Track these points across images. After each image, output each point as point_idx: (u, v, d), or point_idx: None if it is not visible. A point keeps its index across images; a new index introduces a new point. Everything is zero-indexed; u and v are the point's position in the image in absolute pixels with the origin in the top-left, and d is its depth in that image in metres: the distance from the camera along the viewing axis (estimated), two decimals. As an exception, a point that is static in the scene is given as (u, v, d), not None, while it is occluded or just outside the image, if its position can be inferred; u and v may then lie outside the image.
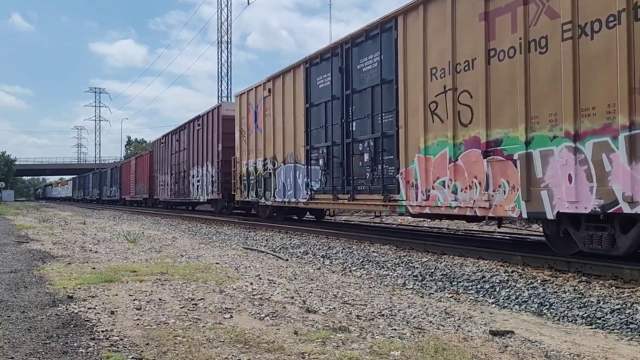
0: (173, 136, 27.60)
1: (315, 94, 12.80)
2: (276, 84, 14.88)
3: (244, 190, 17.28)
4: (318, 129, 12.68)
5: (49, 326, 4.00)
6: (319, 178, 12.56)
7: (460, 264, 7.38)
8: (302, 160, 13.34)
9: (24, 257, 8.28)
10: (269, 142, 15.20)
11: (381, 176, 10.25)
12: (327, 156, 12.19)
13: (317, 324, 4.17)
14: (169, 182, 28.11)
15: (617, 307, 4.87)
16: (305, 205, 13.48)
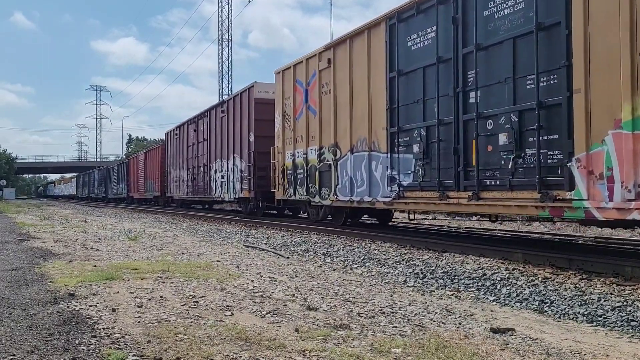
0: (190, 126, 24.44)
1: (406, 59, 9.66)
2: (339, 53, 11.78)
3: (288, 187, 14.11)
4: (409, 105, 9.55)
5: (50, 323, 4.01)
6: (412, 170, 9.41)
7: (461, 261, 7.39)
8: (381, 146, 10.24)
9: (25, 254, 8.29)
10: (328, 126, 12.23)
11: (536, 165, 7.06)
12: (426, 140, 9.04)
13: (318, 322, 4.17)
14: (185, 179, 25.07)
15: (618, 304, 4.87)
16: (387, 206, 10.39)
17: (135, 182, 38.42)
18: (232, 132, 18.85)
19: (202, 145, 22.41)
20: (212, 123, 21.09)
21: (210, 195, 21.46)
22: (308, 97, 13.07)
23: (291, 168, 13.91)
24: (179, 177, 26.33)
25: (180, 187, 26.08)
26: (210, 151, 21.35)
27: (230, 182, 18.96)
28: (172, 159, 27.77)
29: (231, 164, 18.92)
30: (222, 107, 20.03)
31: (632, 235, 11.81)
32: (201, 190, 22.59)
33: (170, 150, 28.33)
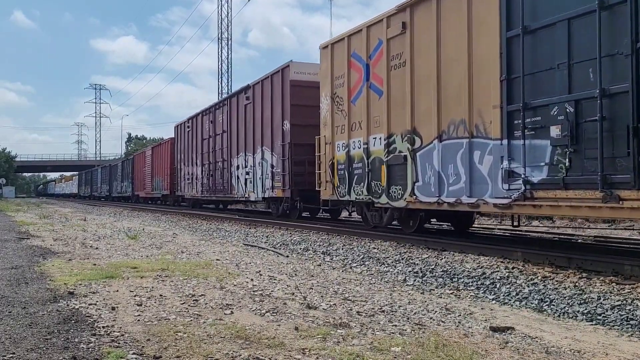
0: (205, 117, 21.89)
1: (533, 11, 7.18)
2: (419, 13, 9.31)
3: (339, 185, 11.61)
4: (542, 74, 7.06)
5: (50, 322, 4.01)
6: (547, 160, 6.97)
7: (461, 260, 7.39)
8: (490, 131, 7.83)
9: (24, 253, 8.29)
10: (400, 109, 9.66)
11: None
12: (574, 119, 6.61)
13: (317, 320, 4.18)
14: (199, 176, 22.63)
15: (618, 303, 4.87)
16: (503, 210, 7.85)
17: (141, 180, 35.83)
18: (259, 122, 16.29)
19: (221, 138, 19.88)
20: (234, 112, 18.50)
21: (231, 194, 18.93)
22: (370, 74, 10.53)
23: (344, 162, 11.38)
24: (192, 174, 23.87)
25: (194, 185, 23.57)
26: (230, 144, 18.82)
27: (258, 180, 16.45)
28: (184, 154, 25.27)
29: (258, 158, 16.40)
30: (246, 94, 17.29)
31: (632, 234, 11.82)
32: (220, 189, 20.01)
33: (181, 144, 25.88)
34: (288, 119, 14.52)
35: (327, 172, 12.15)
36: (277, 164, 15.11)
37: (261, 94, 16.20)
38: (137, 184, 37.57)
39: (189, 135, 24.34)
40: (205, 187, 21.89)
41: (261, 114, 16.19)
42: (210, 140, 21.21)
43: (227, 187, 19.21)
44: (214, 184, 20.67)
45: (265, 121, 15.96)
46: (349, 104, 11.31)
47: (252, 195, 17.15)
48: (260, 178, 16.39)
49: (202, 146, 22.27)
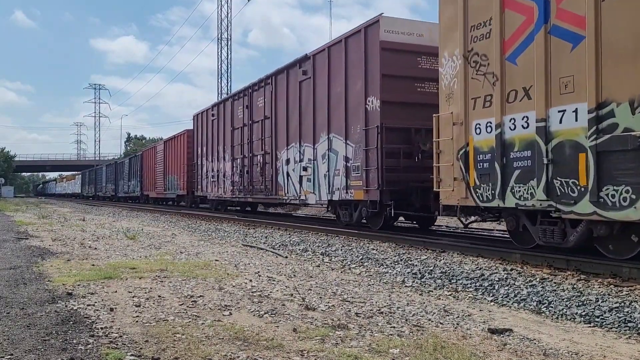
0: (237, 102, 18.18)
1: None
2: None
3: (481, 183, 7.98)
4: None
5: (48, 323, 4.01)
6: None
7: (459, 261, 7.39)
8: None
9: (23, 253, 8.28)
10: (631, 60, 6.05)
11: None
12: None
13: (316, 322, 4.18)
14: (228, 173, 18.84)
15: (616, 305, 4.87)
16: None
17: (151, 179, 32.12)
18: (324, 101, 12.33)
19: (261, 127, 15.94)
20: (281, 92, 14.62)
21: (276, 195, 15.02)
22: (550, 12, 7.01)
23: (490, 150, 7.83)
24: (218, 171, 19.97)
25: (220, 183, 19.81)
26: (276, 133, 14.96)
27: (321, 177, 12.52)
28: (206, 147, 21.51)
29: (323, 149, 12.45)
30: (302, 67, 13.47)
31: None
32: (259, 189, 16.15)
33: (202, 136, 22.08)
34: (376, 94, 10.53)
35: (456, 165, 8.45)
36: (355, 155, 11.17)
37: (327, 66, 12.18)
38: (146, 183, 33.89)
39: (214, 125, 20.42)
40: (237, 186, 18.00)
41: (327, 91, 12.17)
42: (245, 130, 17.22)
43: (271, 187, 15.22)
44: (251, 183, 16.75)
45: (334, 100, 11.99)
46: (502, 63, 7.70)
47: (311, 197, 13.07)
48: (325, 175, 12.31)
49: (233, 137, 18.28)
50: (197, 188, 22.96)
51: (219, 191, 20.14)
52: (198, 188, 22.81)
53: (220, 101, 20.40)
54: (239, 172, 17.82)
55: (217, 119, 20.14)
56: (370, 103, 10.81)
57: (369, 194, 10.78)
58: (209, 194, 21.42)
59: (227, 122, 19.01)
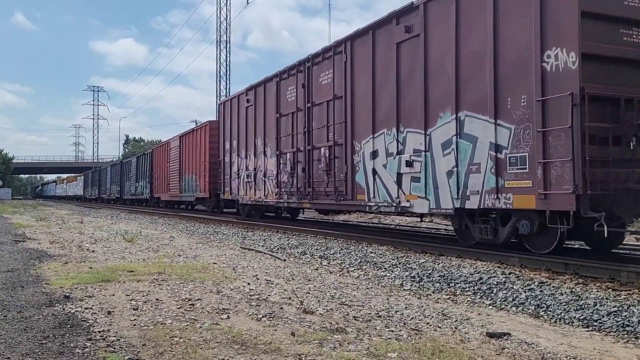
0: (283, 83, 14.20)
1: None
2: None
3: None
4: None
5: (46, 326, 4.00)
6: None
7: (458, 265, 7.39)
8: None
9: (20, 256, 8.26)
10: None
11: None
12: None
13: (314, 325, 4.17)
14: (272, 171, 14.87)
15: (614, 309, 4.87)
16: None
17: (164, 179, 28.29)
18: (446, 66, 8.68)
19: (325, 110, 12.20)
20: (363, 61, 10.89)
21: (352, 199, 11.15)
22: None
23: None
24: (254, 170, 16.07)
25: (258, 185, 15.83)
26: (354, 117, 11.13)
27: (442, 176, 8.74)
28: (236, 141, 17.58)
29: (444, 134, 8.73)
30: (403, 22, 9.68)
31: (628, 240, 11.84)
32: (323, 192, 12.16)
33: (230, 128, 18.16)
34: (569, 44, 6.75)
35: None
36: (516, 142, 7.44)
37: (454, 13, 8.47)
38: (157, 184, 29.99)
39: (249, 113, 16.50)
40: (285, 187, 14.05)
41: (454, 50, 8.45)
42: (299, 116, 13.33)
43: (344, 188, 11.35)
44: (309, 184, 12.80)
45: (467, 62, 8.30)
46: None
47: (419, 204, 9.26)
48: (450, 172, 8.55)
49: (279, 126, 14.39)
50: (223, 190, 19.02)
51: (256, 194, 16.02)
52: (225, 190, 18.81)
53: (259, 82, 15.85)
54: (289, 171, 13.75)
55: (255, 105, 16.09)
56: (553, 59, 6.96)
57: (552, 200, 6.86)
58: (242, 198, 17.18)
59: (270, 108, 15.03)
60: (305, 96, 13.06)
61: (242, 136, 17.21)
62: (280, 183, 14.37)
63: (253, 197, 16.30)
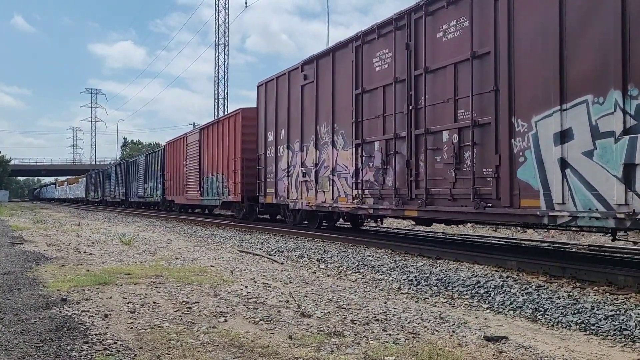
0: (368, 48, 10.68)
1: None
2: None
3: None
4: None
5: (42, 329, 3.98)
6: None
7: (455, 268, 7.39)
8: None
9: (17, 258, 8.24)
10: None
11: None
12: None
13: (311, 329, 4.17)
14: (345, 168, 11.39)
15: (611, 313, 4.88)
16: None
17: (179, 180, 24.47)
18: None
19: (445, 78, 8.70)
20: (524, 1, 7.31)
21: (510, 205, 7.37)
22: None
23: None
24: (317, 165, 12.43)
25: (323, 184, 12.22)
26: (511, 83, 7.44)
27: None
28: (285, 130, 13.91)
29: None
30: None
31: (625, 243, 11.86)
32: (451, 194, 8.41)
33: (277, 113, 14.45)
34: None
35: None
36: None
37: None
38: (171, 185, 25.95)
39: (308, 93, 12.88)
40: (372, 187, 10.43)
41: None
42: (397, 90, 9.73)
43: (496, 189, 7.65)
44: (417, 182, 9.21)
45: None
46: None
47: None
48: None
49: (361, 106, 10.72)
50: (263, 192, 15.29)
51: (318, 197, 12.37)
52: (267, 193, 15.05)
53: (322, 52, 12.30)
54: (378, 166, 10.17)
55: (316, 82, 12.47)
56: None
57: None
58: (294, 202, 13.49)
59: (343, 83, 11.36)
60: (411, 61, 9.33)
61: (295, 123, 13.44)
62: (361, 183, 10.67)
63: (313, 201, 12.53)
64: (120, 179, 39.34)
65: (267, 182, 15.15)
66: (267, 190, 15.09)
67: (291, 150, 13.75)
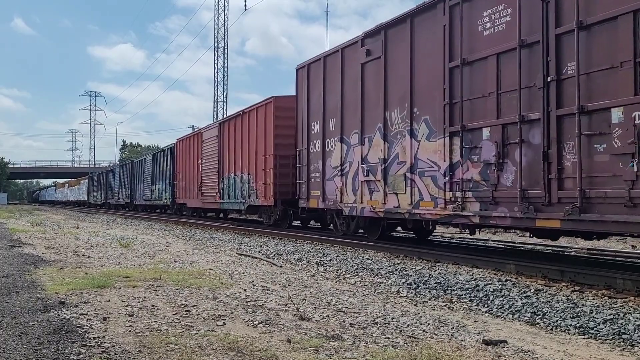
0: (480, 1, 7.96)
1: None
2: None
3: None
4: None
5: (40, 332, 3.98)
6: None
7: (454, 272, 7.39)
8: None
9: (16, 261, 8.22)
10: None
11: None
12: None
13: (310, 332, 4.16)
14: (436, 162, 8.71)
15: (610, 317, 4.88)
16: None
17: (192, 180, 22.07)
18: None
19: (618, 34, 6.10)
20: None
21: None
22: None
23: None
24: (386, 160, 10.02)
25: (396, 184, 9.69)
26: None
27: None
28: (339, 118, 11.48)
29: None
30: None
31: (624, 247, 11.87)
32: (630, 199, 5.83)
33: (324, 99, 12.06)
34: None
35: None
36: None
37: None
38: (182, 186, 23.69)
39: (371, 72, 10.56)
40: (478, 189, 7.96)
41: None
42: (522, 57, 7.23)
43: None
44: (561, 182, 6.76)
45: None
46: None
47: None
48: None
49: (459, 83, 8.28)
50: (305, 195, 12.74)
51: (387, 201, 9.89)
52: (310, 195, 12.54)
53: (395, 19, 9.76)
54: (488, 159, 7.72)
55: (384, 58, 10.05)
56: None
57: None
58: (350, 206, 10.98)
59: (429, 56, 8.98)
60: (548, 15, 6.90)
61: (352, 110, 11.01)
62: (460, 183, 8.21)
63: (380, 205, 10.00)
64: (125, 180, 36.61)
65: (310, 182, 12.49)
66: (311, 193, 12.49)
67: (346, 143, 11.23)
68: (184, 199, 23.55)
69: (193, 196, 21.99)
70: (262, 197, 15.21)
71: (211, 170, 19.82)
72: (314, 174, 12.44)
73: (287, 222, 14.98)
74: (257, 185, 15.66)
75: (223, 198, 18.39)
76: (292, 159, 13.86)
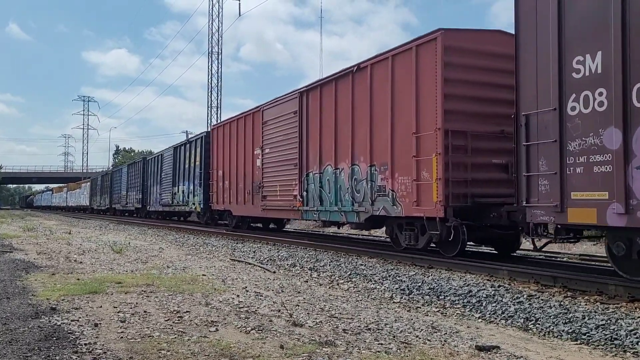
0: None
1: None
2: None
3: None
4: None
5: (31, 338, 3.94)
6: None
7: (447, 277, 7.40)
8: None
9: (7, 267, 8.16)
10: None
11: None
12: None
13: (303, 338, 4.15)
14: None
15: (602, 322, 4.90)
16: None
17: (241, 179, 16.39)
18: None
19: None
20: None
21: None
22: None
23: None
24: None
25: None
26: None
27: None
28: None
29: None
30: None
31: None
32: None
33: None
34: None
35: None
36: None
37: None
38: (223, 187, 17.81)
39: None
40: None
41: None
42: None
43: None
44: None
45: None
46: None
47: None
48: None
49: None
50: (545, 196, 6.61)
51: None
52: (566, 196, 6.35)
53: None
54: None
55: None
56: None
57: None
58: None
59: None
60: None
61: None
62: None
63: None
64: (135, 182, 30.48)
65: (569, 174, 6.36)
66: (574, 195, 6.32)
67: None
68: (226, 205, 17.72)
69: (244, 201, 16.25)
70: (412, 203, 9.20)
71: (281, 163, 13.87)
72: (583, 157, 6.22)
73: (461, 244, 8.74)
74: (394, 182, 9.71)
75: (307, 204, 12.56)
76: (479, 138, 8.90)
